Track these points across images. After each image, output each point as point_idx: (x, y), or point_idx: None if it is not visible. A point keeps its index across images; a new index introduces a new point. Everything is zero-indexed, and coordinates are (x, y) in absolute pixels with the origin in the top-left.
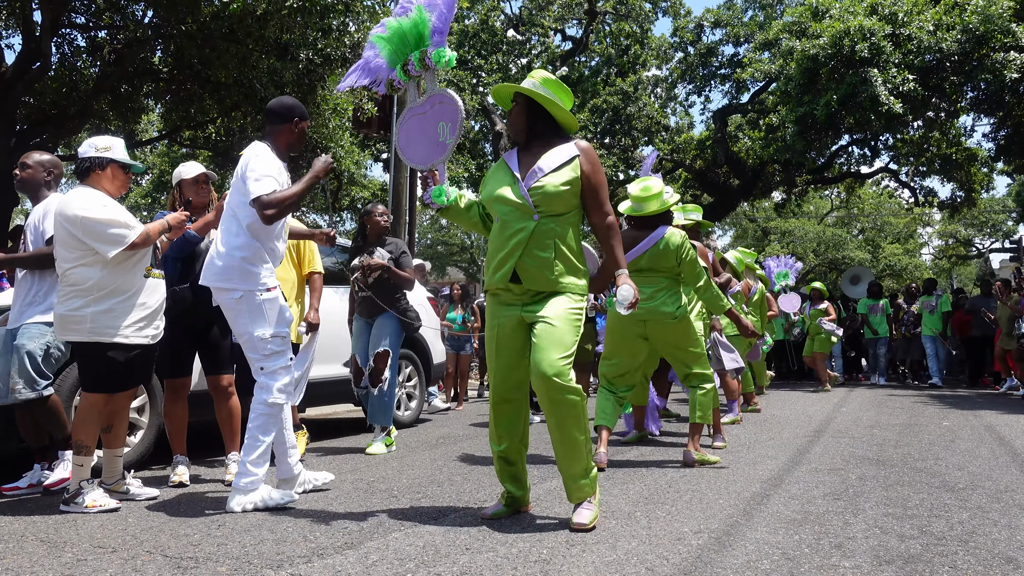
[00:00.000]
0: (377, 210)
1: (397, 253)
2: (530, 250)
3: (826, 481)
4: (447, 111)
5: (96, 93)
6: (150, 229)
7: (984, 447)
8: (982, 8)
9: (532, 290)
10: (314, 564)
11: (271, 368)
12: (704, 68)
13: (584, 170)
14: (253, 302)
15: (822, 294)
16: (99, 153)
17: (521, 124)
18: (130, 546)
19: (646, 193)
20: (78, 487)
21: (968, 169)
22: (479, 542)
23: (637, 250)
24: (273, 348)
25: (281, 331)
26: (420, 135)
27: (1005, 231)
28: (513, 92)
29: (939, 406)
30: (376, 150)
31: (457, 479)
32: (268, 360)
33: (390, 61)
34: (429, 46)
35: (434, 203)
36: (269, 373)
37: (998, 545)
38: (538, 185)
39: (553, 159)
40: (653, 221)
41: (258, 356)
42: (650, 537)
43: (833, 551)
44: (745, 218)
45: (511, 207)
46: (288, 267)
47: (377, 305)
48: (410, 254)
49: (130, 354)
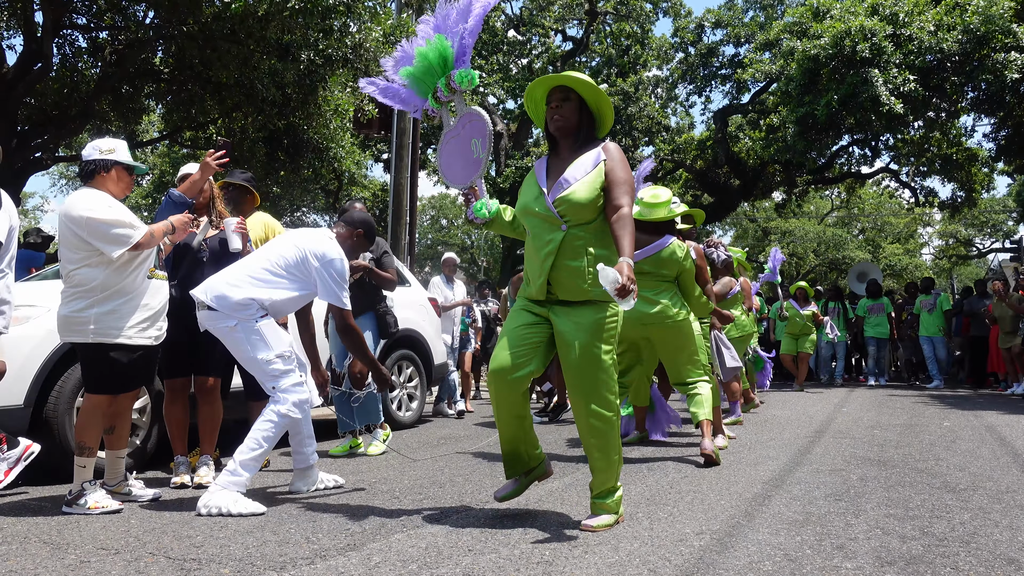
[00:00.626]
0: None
1: (378, 253)
2: (561, 261)
3: (827, 482)
4: (476, 127)
5: (97, 94)
6: (154, 230)
7: (985, 448)
8: (983, 9)
9: (567, 299)
10: (317, 566)
11: (284, 386)
12: (705, 68)
13: (606, 169)
14: (250, 328)
15: (807, 294)
16: (103, 155)
17: (573, 121)
18: (133, 548)
19: (655, 200)
20: (80, 488)
21: (968, 169)
22: (482, 543)
23: (640, 253)
24: (281, 368)
25: (284, 351)
26: (457, 156)
27: (1005, 231)
28: (557, 85)
29: (940, 407)
30: (377, 150)
31: (459, 480)
32: (278, 379)
33: (421, 92)
34: (452, 70)
35: (477, 218)
36: (283, 390)
37: (1000, 546)
38: (563, 196)
39: (580, 168)
40: (659, 228)
41: (268, 378)
42: (652, 538)
43: (835, 552)
44: (745, 218)
45: (539, 219)
46: None
47: (355, 306)
48: (392, 255)
49: (133, 355)
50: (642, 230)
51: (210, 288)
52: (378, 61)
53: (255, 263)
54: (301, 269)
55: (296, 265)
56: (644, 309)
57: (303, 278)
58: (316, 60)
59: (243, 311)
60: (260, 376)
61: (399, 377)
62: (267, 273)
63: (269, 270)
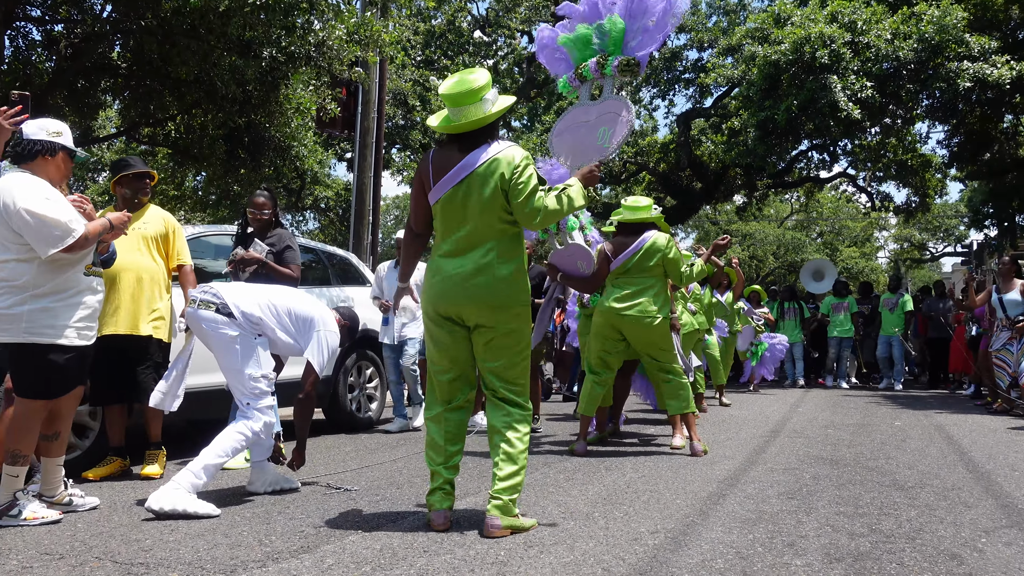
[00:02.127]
0: (257, 200)
1: (280, 247)
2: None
3: (781, 481)
4: (615, 120)
5: (51, 88)
6: (89, 230)
7: (933, 446)
8: (937, 18)
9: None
10: (268, 568)
11: (260, 406)
12: (668, 72)
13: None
14: (248, 343)
15: (760, 297)
16: (51, 137)
17: None
18: (79, 552)
19: (636, 204)
20: (12, 499)
21: (923, 175)
22: (437, 544)
23: (625, 254)
24: (263, 388)
25: (269, 374)
26: (578, 134)
27: (957, 236)
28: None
29: (892, 406)
30: (340, 149)
31: (417, 480)
32: (257, 399)
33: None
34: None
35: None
36: (259, 409)
37: (944, 542)
38: None
39: None
40: (640, 228)
41: (248, 394)
42: (607, 538)
43: (785, 549)
44: (708, 221)
45: None
46: (153, 259)
47: None
48: (297, 249)
49: (69, 355)
50: (624, 232)
51: (229, 295)
52: (340, 59)
53: (278, 299)
54: (306, 325)
55: (304, 320)
56: (620, 305)
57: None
58: (278, 57)
59: (252, 327)
60: (240, 390)
61: (359, 378)
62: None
63: (285, 312)
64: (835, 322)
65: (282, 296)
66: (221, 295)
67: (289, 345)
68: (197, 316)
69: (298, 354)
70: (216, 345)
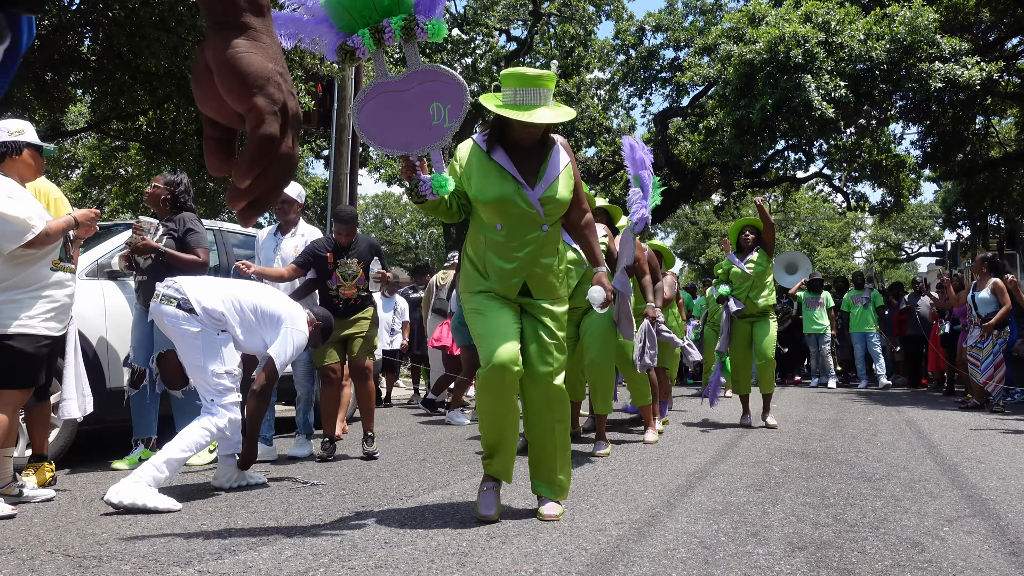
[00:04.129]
0: (156, 181)
1: (181, 231)
2: (537, 259)
3: (750, 473)
4: (442, 91)
5: (19, 81)
6: (51, 227)
7: (904, 440)
8: (909, 19)
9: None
10: (224, 560)
11: (224, 402)
12: (645, 71)
13: (573, 171)
14: (210, 339)
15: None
16: (12, 137)
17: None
18: (31, 546)
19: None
20: None
21: (897, 175)
22: (399, 536)
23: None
24: (226, 384)
25: (233, 370)
26: (399, 116)
27: (932, 236)
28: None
29: (866, 403)
30: (316, 146)
31: (385, 475)
32: (221, 395)
33: (342, 24)
34: (416, 13)
35: (435, 194)
36: (224, 406)
37: (906, 531)
38: (550, 195)
39: (554, 166)
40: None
41: (211, 390)
42: (572, 529)
43: (749, 539)
44: (686, 220)
45: (517, 215)
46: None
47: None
48: (202, 232)
49: (38, 344)
50: None
51: (191, 290)
52: (314, 53)
53: (243, 295)
54: (273, 322)
55: (271, 316)
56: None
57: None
58: None
59: (214, 323)
60: (203, 386)
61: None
62: (248, 311)
63: (250, 308)
64: (808, 318)
65: (249, 292)
66: (183, 290)
67: (253, 342)
68: (159, 311)
69: (262, 351)
70: (178, 341)
